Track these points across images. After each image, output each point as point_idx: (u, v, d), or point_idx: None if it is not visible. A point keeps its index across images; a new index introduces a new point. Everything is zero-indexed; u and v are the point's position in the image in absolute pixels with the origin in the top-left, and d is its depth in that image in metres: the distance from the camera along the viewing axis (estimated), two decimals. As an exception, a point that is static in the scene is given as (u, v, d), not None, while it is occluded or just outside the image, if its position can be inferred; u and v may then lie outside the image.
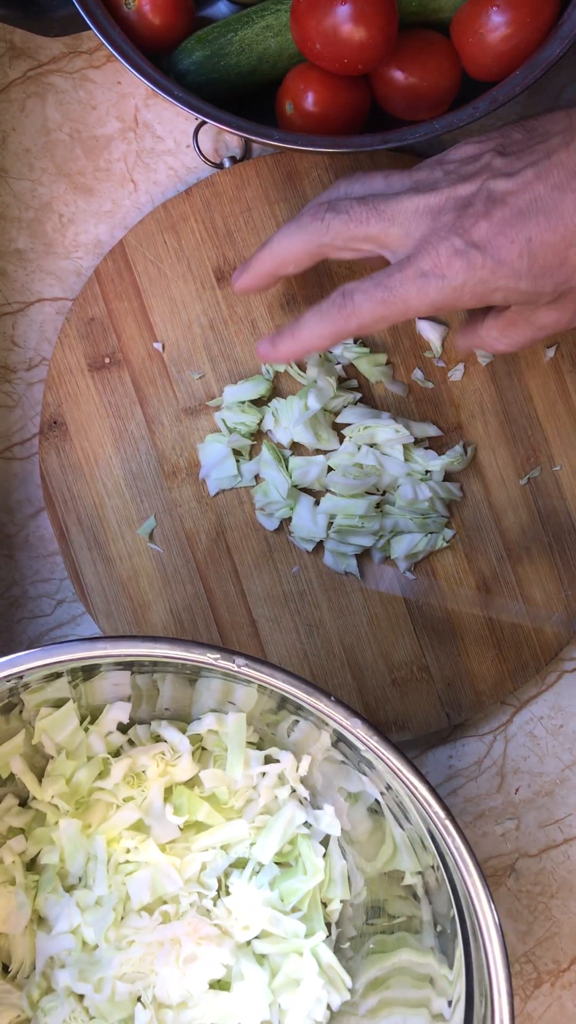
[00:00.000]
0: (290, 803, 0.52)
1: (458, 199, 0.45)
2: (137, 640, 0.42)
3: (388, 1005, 0.48)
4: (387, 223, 0.46)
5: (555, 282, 0.44)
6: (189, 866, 0.51)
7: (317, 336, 0.48)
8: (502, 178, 0.44)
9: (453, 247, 0.44)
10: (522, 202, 0.43)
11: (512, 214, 0.43)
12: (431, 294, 0.45)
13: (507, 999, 0.41)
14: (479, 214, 0.44)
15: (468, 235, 0.44)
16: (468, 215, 0.44)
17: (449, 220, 0.44)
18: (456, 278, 0.44)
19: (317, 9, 0.51)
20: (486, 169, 0.45)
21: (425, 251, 0.45)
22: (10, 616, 0.59)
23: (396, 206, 0.46)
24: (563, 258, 0.44)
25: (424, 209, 0.45)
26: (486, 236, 0.44)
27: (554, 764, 0.60)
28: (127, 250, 0.58)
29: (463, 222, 0.44)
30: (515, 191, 0.44)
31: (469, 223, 0.44)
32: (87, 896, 0.50)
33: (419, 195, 0.45)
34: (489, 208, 0.44)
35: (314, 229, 0.48)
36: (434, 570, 0.58)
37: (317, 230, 0.47)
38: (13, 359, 0.59)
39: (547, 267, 0.44)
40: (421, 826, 0.44)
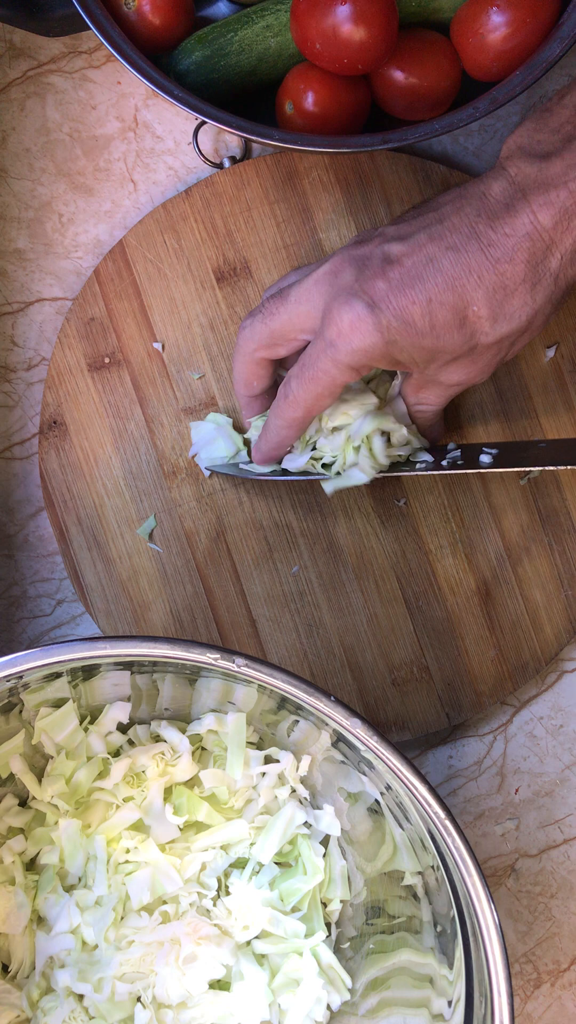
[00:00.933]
0: (290, 803, 0.52)
1: (353, 259, 0.45)
2: (137, 640, 0.42)
3: (388, 1005, 0.48)
4: (294, 304, 0.47)
5: (457, 340, 0.45)
6: (189, 866, 0.51)
7: (283, 434, 0.51)
8: (396, 242, 0.45)
9: (354, 311, 0.44)
10: (418, 262, 0.44)
11: (409, 274, 0.44)
12: (344, 361, 0.45)
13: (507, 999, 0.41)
14: (376, 274, 0.44)
15: (367, 295, 0.44)
16: (366, 275, 0.44)
17: (348, 281, 0.45)
18: (363, 340, 0.44)
19: (317, 9, 0.51)
20: (379, 236, 0.46)
21: (330, 320, 0.45)
22: (10, 616, 0.59)
23: (299, 287, 0.47)
24: (462, 317, 0.44)
25: (322, 277, 0.46)
26: (385, 296, 0.44)
27: (554, 764, 0.60)
28: (127, 250, 0.58)
29: (362, 283, 0.44)
30: (409, 252, 0.44)
31: (368, 284, 0.44)
32: (87, 896, 0.50)
33: (316, 269, 0.47)
34: (386, 268, 0.44)
35: (244, 342, 0.50)
36: (434, 571, 0.58)
37: (247, 340, 0.49)
38: (13, 359, 0.59)
39: (448, 325, 0.44)
40: (421, 826, 0.44)
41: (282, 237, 0.58)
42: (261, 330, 0.49)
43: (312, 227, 0.58)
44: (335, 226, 0.58)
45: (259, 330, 0.49)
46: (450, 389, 0.49)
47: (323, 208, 0.58)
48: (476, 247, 0.43)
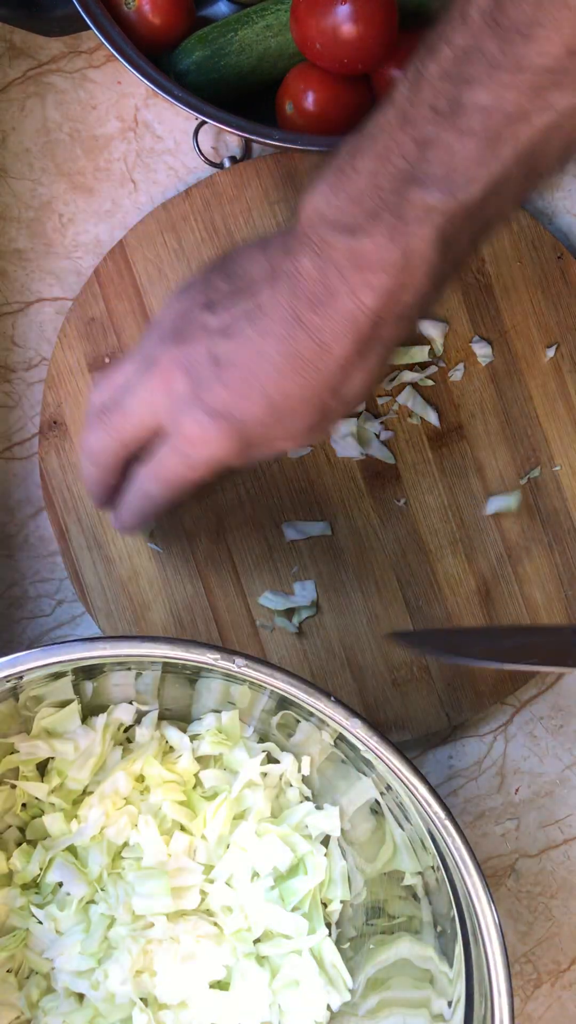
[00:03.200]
0: (292, 804, 0.52)
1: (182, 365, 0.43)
2: (137, 640, 0.42)
3: (388, 1005, 0.48)
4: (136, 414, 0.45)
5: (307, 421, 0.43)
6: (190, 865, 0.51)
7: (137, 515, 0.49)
8: (221, 339, 0.43)
9: (197, 421, 0.43)
10: (247, 359, 0.42)
11: (243, 372, 0.42)
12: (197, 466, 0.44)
13: (507, 999, 0.41)
14: (212, 381, 0.43)
15: (207, 404, 0.43)
16: (202, 385, 0.43)
17: (184, 392, 0.43)
18: (214, 448, 0.43)
19: (317, 9, 0.51)
20: (201, 329, 0.43)
21: (177, 430, 0.44)
22: (10, 616, 0.59)
23: (133, 396, 0.45)
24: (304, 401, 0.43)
25: (155, 384, 0.44)
26: (225, 402, 0.42)
27: (554, 764, 0.60)
28: (127, 250, 0.58)
29: (200, 394, 0.43)
30: (237, 349, 0.42)
31: (205, 394, 0.43)
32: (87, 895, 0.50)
33: (147, 375, 0.44)
34: (218, 373, 0.43)
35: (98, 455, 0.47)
36: (434, 571, 0.58)
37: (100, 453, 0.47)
38: (13, 359, 0.59)
39: (293, 411, 0.43)
40: (421, 826, 0.44)
41: (282, 237, 0.58)
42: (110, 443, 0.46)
43: (312, 227, 0.58)
44: (335, 226, 0.58)
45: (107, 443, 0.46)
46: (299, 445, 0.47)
47: (323, 208, 0.58)
48: (302, 333, 0.41)
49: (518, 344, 0.59)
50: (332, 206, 0.40)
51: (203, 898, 0.51)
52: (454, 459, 0.58)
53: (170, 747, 0.53)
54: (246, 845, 0.51)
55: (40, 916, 0.50)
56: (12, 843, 0.51)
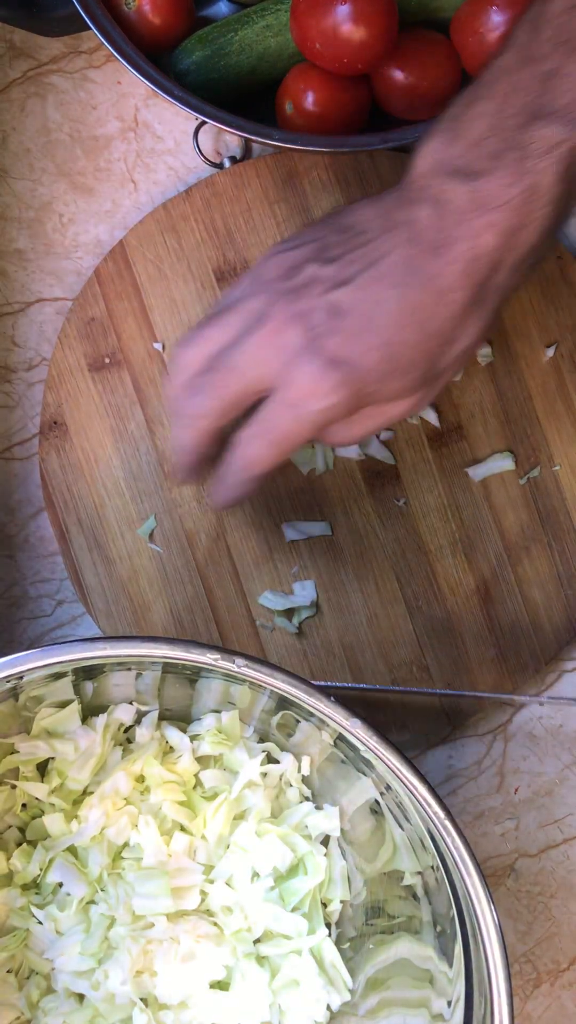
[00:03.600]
0: (292, 804, 0.52)
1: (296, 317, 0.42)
2: (137, 640, 0.42)
3: (388, 1005, 0.48)
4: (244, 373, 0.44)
5: (419, 374, 0.43)
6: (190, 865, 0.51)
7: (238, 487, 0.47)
8: (339, 288, 0.42)
9: (312, 372, 0.42)
10: (367, 308, 0.42)
11: (362, 321, 0.42)
12: (309, 421, 0.43)
13: (507, 999, 0.41)
14: (329, 330, 0.42)
15: (325, 352, 0.42)
16: (318, 333, 0.42)
17: (299, 342, 0.42)
18: (327, 399, 0.42)
19: (317, 9, 0.51)
20: (315, 281, 0.43)
21: (288, 382, 0.42)
22: (10, 616, 0.59)
23: (241, 354, 0.43)
24: (421, 351, 0.42)
25: (266, 339, 0.43)
26: (343, 349, 0.42)
27: (554, 764, 0.60)
28: (127, 250, 0.58)
29: (315, 342, 0.42)
30: (357, 299, 0.42)
31: (321, 341, 0.42)
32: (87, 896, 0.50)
33: (256, 331, 0.43)
34: (336, 321, 0.42)
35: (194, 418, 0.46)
36: (434, 571, 0.58)
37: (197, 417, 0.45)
38: (13, 359, 0.59)
39: (410, 362, 0.43)
40: (421, 826, 0.44)
41: (282, 237, 0.58)
42: (213, 405, 0.45)
43: (312, 227, 0.58)
44: (335, 226, 0.58)
45: (210, 405, 0.45)
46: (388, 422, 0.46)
47: (323, 208, 0.58)
48: (419, 282, 0.41)
49: (518, 344, 0.59)
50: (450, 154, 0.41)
51: (203, 898, 0.51)
52: (454, 459, 0.58)
53: (170, 747, 0.53)
54: (246, 845, 0.51)
55: (40, 916, 0.50)
56: (12, 843, 0.51)
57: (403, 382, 0.43)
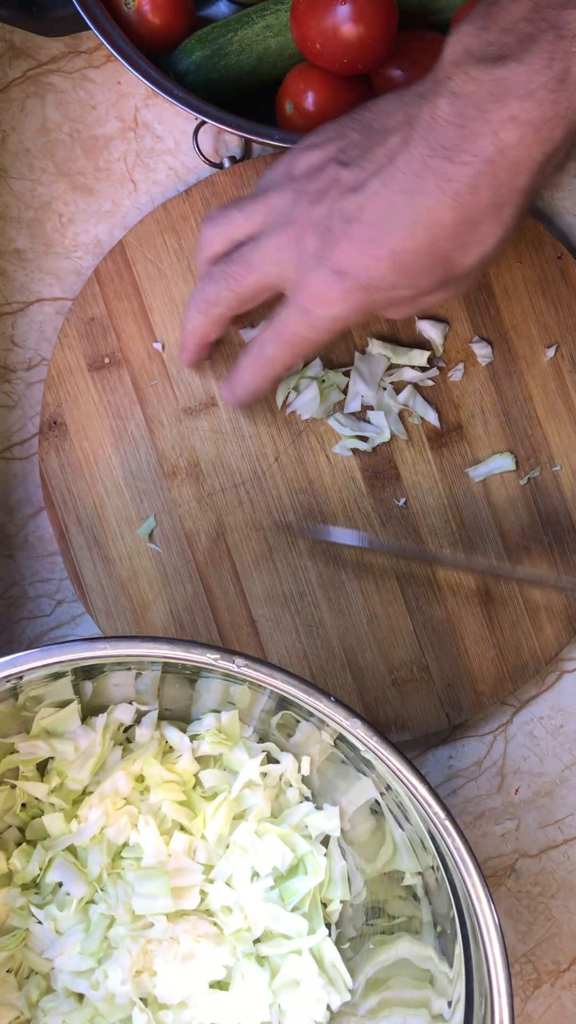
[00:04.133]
0: (292, 804, 0.52)
1: (314, 223, 0.44)
2: (137, 640, 0.42)
3: (388, 1006, 0.48)
4: (259, 268, 0.46)
5: (434, 279, 0.43)
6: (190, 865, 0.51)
7: (255, 383, 0.51)
8: (351, 194, 0.43)
9: (323, 279, 0.44)
10: (377, 215, 0.42)
11: (370, 229, 0.42)
12: (320, 326, 0.45)
13: (507, 999, 0.41)
14: (339, 237, 0.43)
15: (334, 262, 0.43)
16: (329, 240, 0.43)
17: (312, 247, 0.44)
18: (336, 307, 0.44)
19: (317, 9, 0.51)
20: (333, 184, 0.44)
21: (300, 287, 0.45)
22: (10, 616, 0.59)
23: (261, 253, 0.46)
24: (433, 257, 0.42)
25: (285, 242, 0.45)
26: (351, 259, 0.43)
27: (554, 764, 0.60)
28: (127, 250, 0.58)
29: (326, 250, 0.43)
30: (367, 205, 0.42)
31: (332, 250, 0.43)
32: (87, 895, 0.50)
33: (278, 231, 0.45)
34: (346, 229, 0.43)
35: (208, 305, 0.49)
36: (434, 570, 0.58)
37: (211, 304, 0.49)
38: (13, 359, 0.59)
39: (421, 269, 0.43)
40: (421, 826, 0.44)
41: (282, 237, 0.58)
42: (228, 296, 0.48)
43: (312, 227, 0.58)
44: (335, 226, 0.58)
45: (225, 296, 0.48)
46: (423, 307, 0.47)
47: (323, 208, 0.58)
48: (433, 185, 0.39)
49: (518, 344, 0.59)
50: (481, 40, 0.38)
51: (203, 898, 0.51)
52: (454, 459, 0.58)
53: (170, 747, 0.53)
54: (246, 845, 0.51)
55: (40, 916, 0.50)
56: (12, 843, 0.51)
57: (417, 288, 0.43)
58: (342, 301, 0.44)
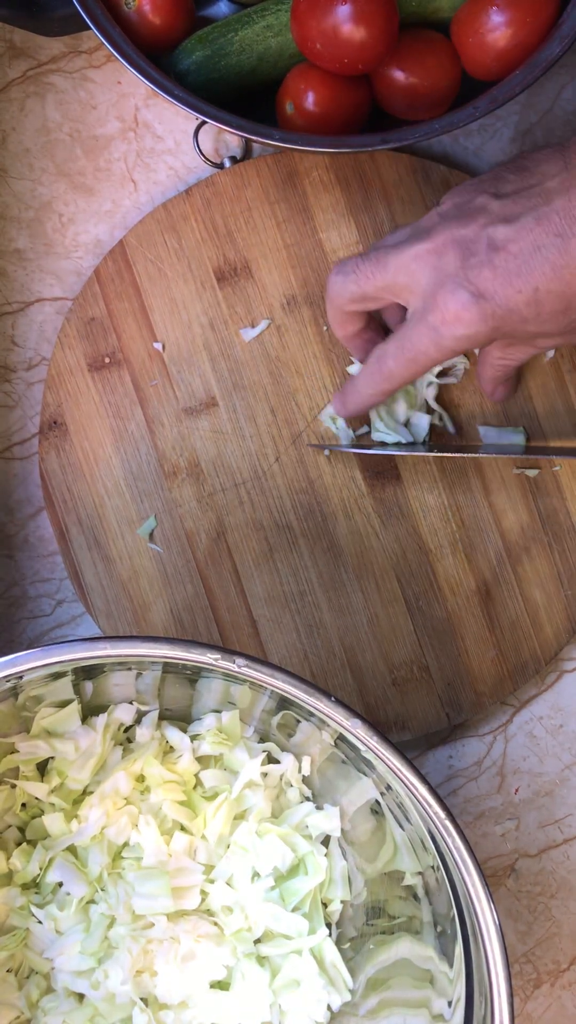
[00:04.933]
0: (292, 804, 0.52)
1: (457, 242, 0.45)
2: (137, 640, 0.42)
3: (388, 1006, 0.48)
4: (392, 274, 0.47)
5: (561, 323, 0.45)
6: (190, 865, 0.51)
7: (369, 397, 0.52)
8: (502, 224, 0.44)
9: (460, 301, 0.44)
10: (525, 250, 0.43)
11: (517, 263, 0.43)
12: (446, 346, 0.46)
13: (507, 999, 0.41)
14: (482, 262, 0.44)
15: (474, 285, 0.44)
16: (471, 264, 0.44)
17: (453, 267, 0.44)
18: (467, 328, 0.45)
19: (317, 9, 0.51)
20: (483, 212, 0.45)
21: (434, 305, 0.45)
22: (10, 616, 0.59)
23: (397, 257, 0.46)
24: (568, 303, 0.44)
25: (423, 254, 0.45)
26: (492, 286, 0.44)
27: (554, 764, 0.60)
28: (127, 250, 0.58)
29: (467, 272, 0.44)
30: (517, 239, 0.43)
31: (474, 273, 0.44)
32: (87, 895, 0.50)
33: (418, 242, 0.46)
34: (491, 256, 0.44)
35: (334, 294, 0.50)
36: (434, 571, 0.58)
37: (336, 294, 0.50)
38: (13, 359, 0.59)
39: (554, 312, 0.44)
40: (421, 826, 0.44)
41: (282, 237, 0.58)
42: (352, 289, 0.49)
43: (312, 227, 0.58)
44: (335, 226, 0.58)
45: (349, 289, 0.49)
46: (539, 349, 0.50)
47: (323, 208, 0.58)
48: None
49: (518, 344, 0.59)
50: None
51: (203, 898, 0.51)
52: (454, 459, 0.58)
53: (170, 747, 0.53)
54: (246, 845, 0.51)
55: (40, 916, 0.50)
56: (12, 843, 0.51)
57: (545, 328, 0.45)
58: (473, 324, 0.44)
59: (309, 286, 0.58)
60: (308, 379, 0.58)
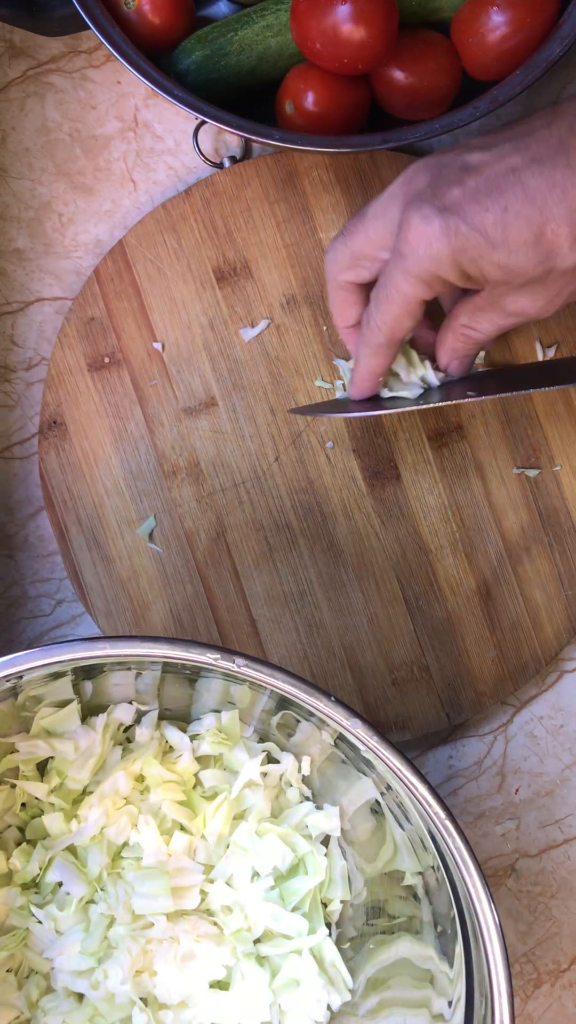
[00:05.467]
0: (292, 804, 0.52)
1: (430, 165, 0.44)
2: (137, 640, 0.42)
3: (388, 1005, 0.48)
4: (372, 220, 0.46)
5: (532, 259, 0.42)
6: (190, 865, 0.51)
7: (371, 363, 0.50)
8: (478, 151, 0.43)
9: (423, 215, 0.42)
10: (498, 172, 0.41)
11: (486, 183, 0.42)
12: (413, 270, 0.43)
13: (507, 999, 0.41)
14: (452, 181, 0.42)
15: (440, 200, 0.42)
16: (440, 183, 0.42)
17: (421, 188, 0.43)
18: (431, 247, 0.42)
19: (317, 9, 0.51)
20: (462, 145, 0.44)
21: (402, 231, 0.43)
22: (10, 616, 0.59)
23: (376, 201, 0.46)
24: (539, 233, 0.41)
25: (397, 188, 0.45)
26: (458, 201, 0.42)
27: (554, 764, 0.60)
28: (127, 250, 0.58)
29: (435, 189, 0.42)
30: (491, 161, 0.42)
31: (442, 190, 0.42)
32: (87, 895, 0.50)
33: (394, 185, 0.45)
34: (462, 176, 0.42)
35: (329, 267, 0.49)
36: (434, 571, 0.58)
37: (331, 265, 0.49)
38: (13, 359, 0.59)
39: (523, 241, 0.41)
40: (421, 826, 0.44)
41: (282, 237, 0.58)
42: (342, 251, 0.47)
43: (312, 227, 0.58)
44: (335, 226, 0.58)
45: (340, 252, 0.47)
46: (509, 318, 0.47)
47: (323, 208, 0.58)
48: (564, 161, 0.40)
49: (519, 344, 0.58)
50: None
51: (203, 898, 0.51)
52: (454, 459, 0.58)
53: (170, 747, 0.53)
54: (246, 845, 0.51)
55: (40, 916, 0.50)
56: (12, 843, 0.51)
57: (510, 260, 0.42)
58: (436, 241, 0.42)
59: (309, 286, 0.58)
60: (308, 379, 0.58)
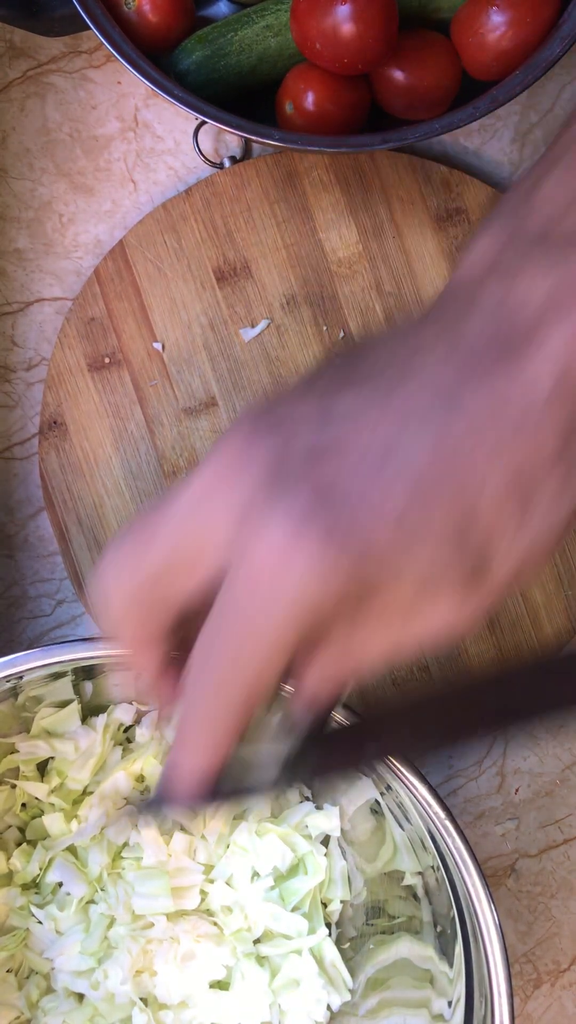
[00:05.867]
0: (292, 804, 0.52)
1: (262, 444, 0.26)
2: (137, 640, 0.42)
3: (388, 1006, 0.48)
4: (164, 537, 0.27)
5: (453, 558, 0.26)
6: (190, 865, 0.51)
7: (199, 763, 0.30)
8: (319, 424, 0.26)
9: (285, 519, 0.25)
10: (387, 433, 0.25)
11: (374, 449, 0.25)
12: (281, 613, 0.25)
13: (507, 999, 0.41)
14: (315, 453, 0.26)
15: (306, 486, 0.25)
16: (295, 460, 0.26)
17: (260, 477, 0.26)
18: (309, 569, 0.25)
19: (317, 9, 0.51)
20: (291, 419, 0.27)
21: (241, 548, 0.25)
22: (10, 616, 0.59)
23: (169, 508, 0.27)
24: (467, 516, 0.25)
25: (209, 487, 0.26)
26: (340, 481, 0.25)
27: (554, 764, 0.60)
28: (127, 250, 0.58)
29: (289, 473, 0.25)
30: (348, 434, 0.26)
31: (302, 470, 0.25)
32: (87, 895, 0.50)
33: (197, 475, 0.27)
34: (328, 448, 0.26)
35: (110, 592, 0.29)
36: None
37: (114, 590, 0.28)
38: (13, 359, 0.59)
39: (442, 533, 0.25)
40: (421, 826, 0.44)
41: (282, 237, 0.58)
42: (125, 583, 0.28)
43: (312, 227, 0.58)
44: (335, 226, 0.58)
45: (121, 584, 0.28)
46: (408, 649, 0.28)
47: (323, 208, 0.58)
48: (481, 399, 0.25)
49: (518, 344, 0.58)
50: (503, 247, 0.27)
51: (203, 898, 0.51)
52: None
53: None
54: (246, 845, 0.51)
55: (40, 916, 0.50)
56: (12, 843, 0.51)
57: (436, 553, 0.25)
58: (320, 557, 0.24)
59: (309, 286, 0.58)
60: (308, 379, 0.58)
